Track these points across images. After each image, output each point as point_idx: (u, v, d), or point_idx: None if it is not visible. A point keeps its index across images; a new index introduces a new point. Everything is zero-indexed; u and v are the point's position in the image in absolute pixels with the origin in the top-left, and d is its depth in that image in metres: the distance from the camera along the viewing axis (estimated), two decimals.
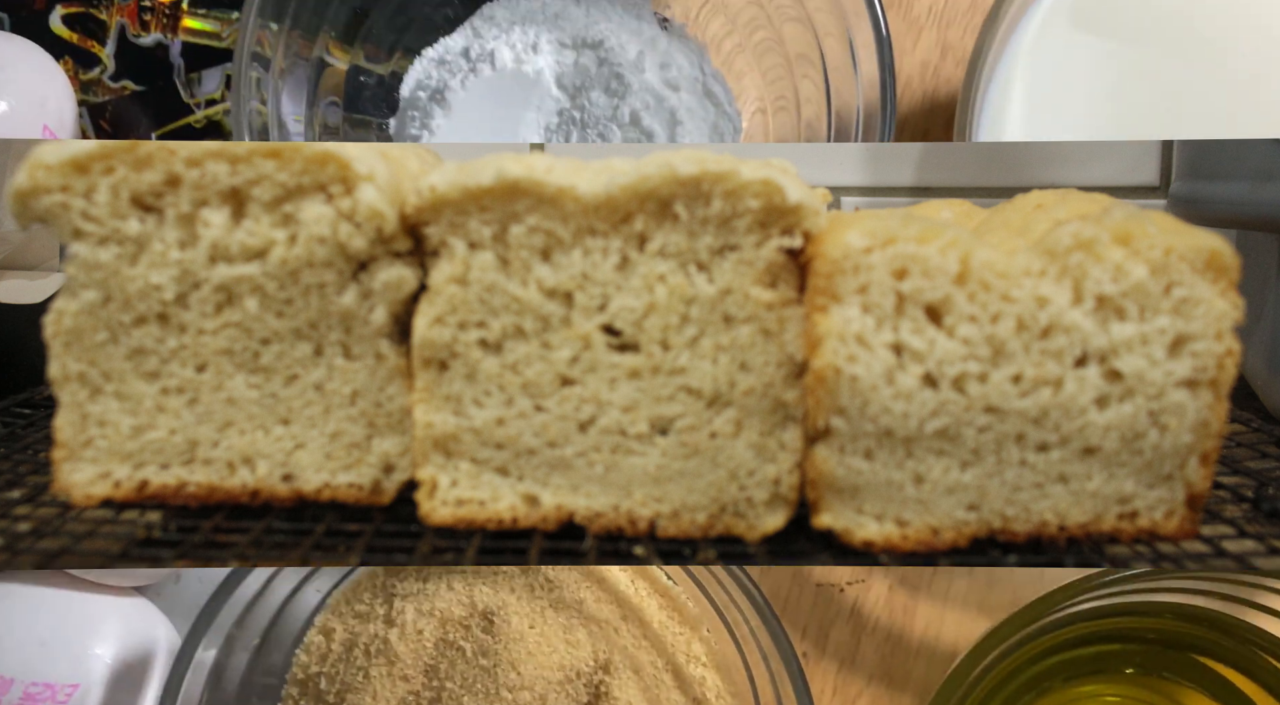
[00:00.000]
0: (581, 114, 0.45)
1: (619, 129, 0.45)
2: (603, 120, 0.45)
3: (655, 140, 0.45)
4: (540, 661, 0.40)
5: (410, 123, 0.46)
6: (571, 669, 0.40)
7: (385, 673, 0.40)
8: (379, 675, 0.40)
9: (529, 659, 0.40)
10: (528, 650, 0.40)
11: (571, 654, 0.41)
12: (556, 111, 0.45)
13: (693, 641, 0.43)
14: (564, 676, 0.40)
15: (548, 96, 0.46)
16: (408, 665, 0.40)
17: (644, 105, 0.45)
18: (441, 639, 0.41)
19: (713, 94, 0.47)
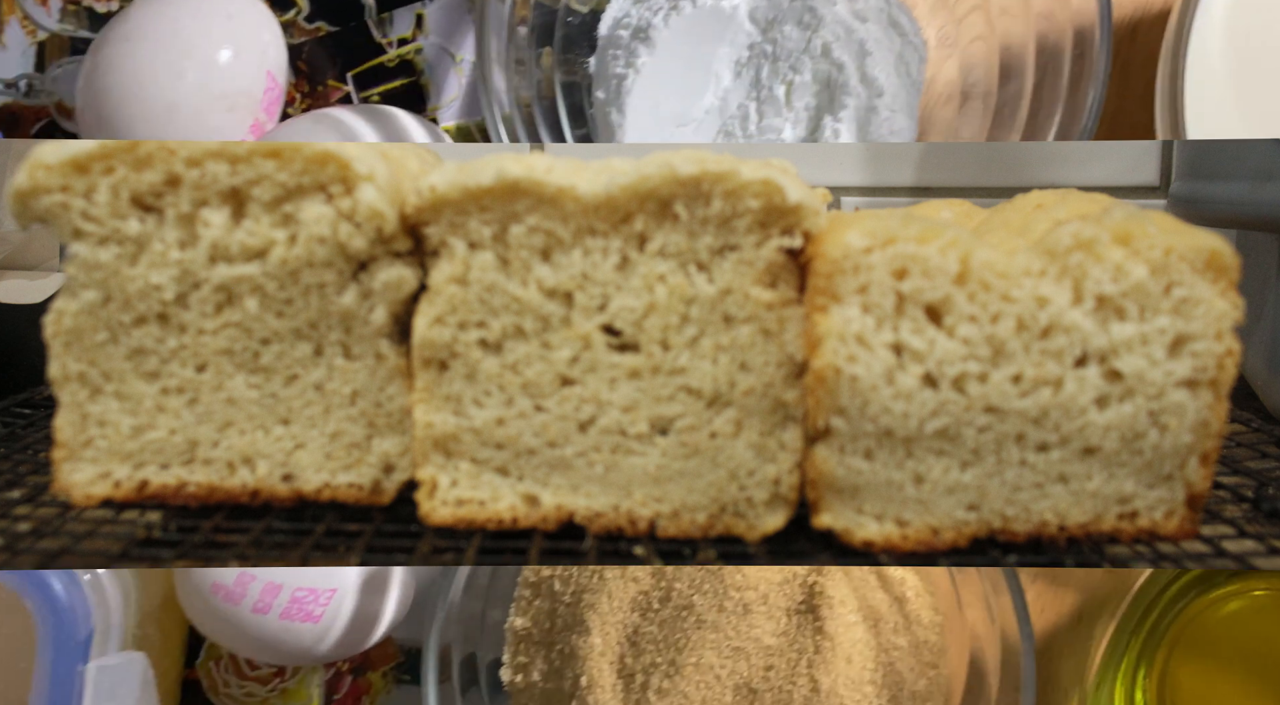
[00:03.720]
0: (773, 48, 0.45)
1: (810, 61, 0.45)
2: (795, 53, 0.45)
3: (844, 72, 0.45)
4: None
5: (613, 62, 0.46)
6: (789, 568, 0.42)
7: (619, 573, 0.42)
8: (613, 575, 0.42)
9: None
10: None
11: None
12: (747, 45, 0.46)
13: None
14: (784, 577, 0.42)
15: (740, 31, 0.46)
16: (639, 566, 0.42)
17: (834, 37, 0.45)
18: None
19: (898, 23, 0.46)
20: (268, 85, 0.45)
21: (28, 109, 0.50)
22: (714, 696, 0.41)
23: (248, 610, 0.42)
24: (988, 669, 0.42)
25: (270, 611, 0.42)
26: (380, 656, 0.49)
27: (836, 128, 0.45)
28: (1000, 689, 0.42)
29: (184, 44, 0.43)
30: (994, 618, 0.41)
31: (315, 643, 0.43)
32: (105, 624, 0.38)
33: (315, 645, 0.43)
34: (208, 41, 0.43)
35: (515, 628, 0.44)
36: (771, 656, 0.41)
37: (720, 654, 0.41)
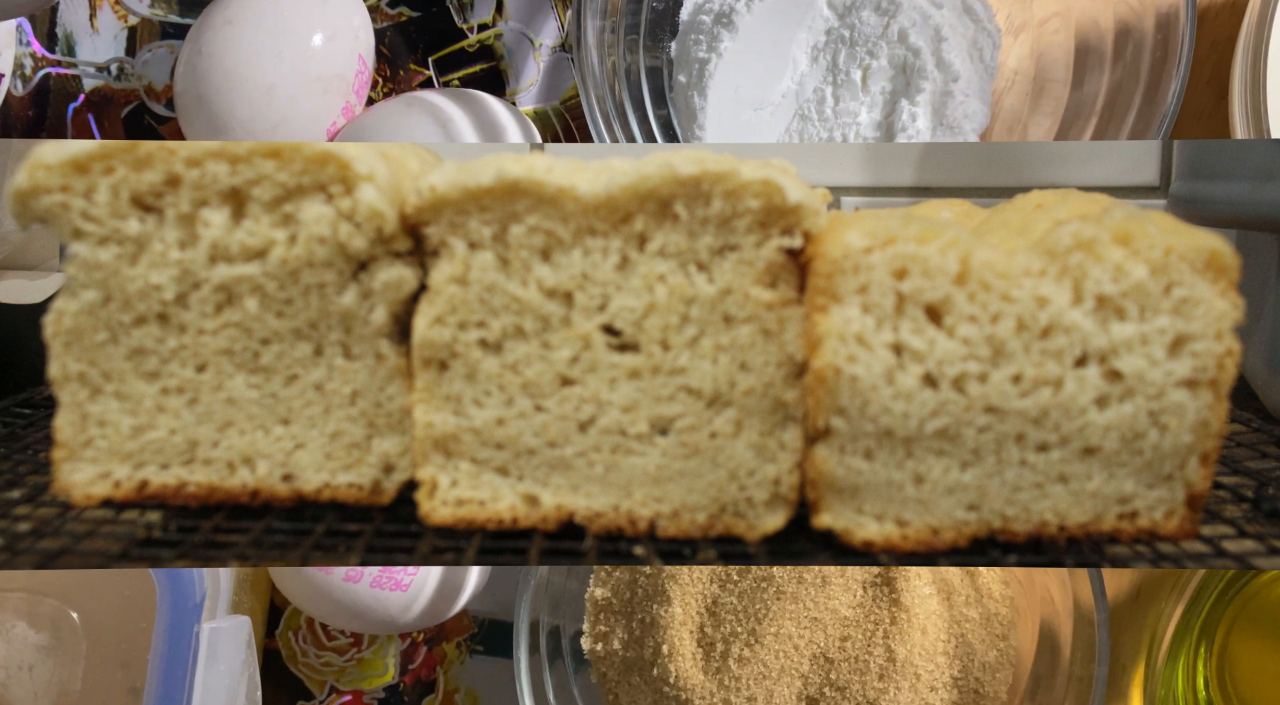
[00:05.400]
0: (850, 33, 0.46)
1: (886, 46, 0.45)
2: (872, 38, 0.45)
3: (920, 57, 0.45)
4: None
5: (696, 46, 0.47)
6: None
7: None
8: None
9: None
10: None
11: None
12: (825, 30, 0.46)
13: None
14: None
15: (819, 16, 0.47)
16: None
17: (911, 23, 0.46)
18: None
19: (972, 10, 0.47)
20: (358, 68, 0.47)
21: (118, 92, 0.51)
22: (792, 665, 0.43)
23: (339, 578, 0.44)
24: (1060, 640, 0.44)
25: (361, 580, 0.44)
26: (455, 627, 0.51)
27: (914, 112, 0.46)
28: (1072, 660, 0.43)
29: (281, 28, 0.44)
30: (1067, 587, 0.42)
31: (402, 612, 0.45)
32: (215, 589, 0.40)
33: (402, 614, 0.45)
34: (304, 25, 0.45)
35: (595, 598, 0.45)
36: (848, 627, 0.43)
37: (799, 624, 0.42)
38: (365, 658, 0.50)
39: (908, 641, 0.43)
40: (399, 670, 0.50)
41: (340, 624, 0.48)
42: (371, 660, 0.50)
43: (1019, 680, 0.45)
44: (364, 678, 0.51)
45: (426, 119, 0.46)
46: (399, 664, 0.51)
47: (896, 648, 0.42)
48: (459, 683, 0.51)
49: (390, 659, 0.50)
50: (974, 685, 0.44)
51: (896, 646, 0.42)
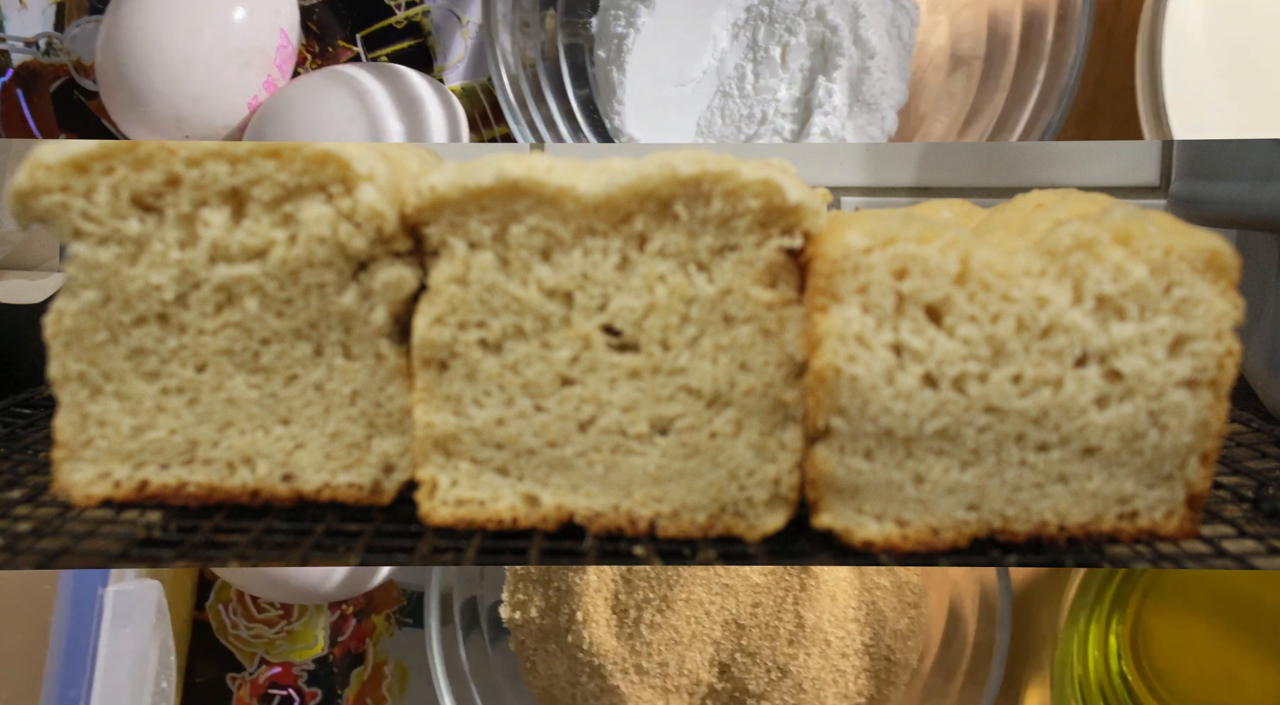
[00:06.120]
0: (770, 9, 0.46)
1: (805, 23, 0.46)
2: (791, 15, 0.46)
3: (838, 34, 0.46)
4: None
5: (614, 21, 0.47)
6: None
7: None
8: None
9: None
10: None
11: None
12: (745, 7, 0.47)
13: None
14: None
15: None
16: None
17: (829, 0, 0.46)
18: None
19: None
20: (280, 43, 0.47)
21: (47, 67, 0.52)
22: (703, 631, 0.43)
23: None
24: (966, 611, 0.45)
25: None
26: (383, 600, 0.51)
27: (830, 88, 0.46)
28: (977, 628, 0.44)
29: (200, 1, 0.45)
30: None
31: (321, 581, 0.46)
32: None
33: (321, 583, 0.46)
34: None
35: (514, 567, 0.45)
36: (759, 593, 0.44)
37: (710, 590, 0.43)
38: (295, 630, 0.51)
39: (816, 607, 0.43)
40: (328, 642, 0.51)
41: (261, 593, 0.49)
42: (301, 632, 0.51)
43: (929, 647, 0.46)
44: (294, 650, 0.51)
45: (345, 92, 0.46)
46: (328, 636, 0.51)
47: (805, 613, 0.43)
48: (388, 655, 0.51)
49: (320, 631, 0.51)
50: (885, 652, 0.45)
51: (805, 612, 0.43)
